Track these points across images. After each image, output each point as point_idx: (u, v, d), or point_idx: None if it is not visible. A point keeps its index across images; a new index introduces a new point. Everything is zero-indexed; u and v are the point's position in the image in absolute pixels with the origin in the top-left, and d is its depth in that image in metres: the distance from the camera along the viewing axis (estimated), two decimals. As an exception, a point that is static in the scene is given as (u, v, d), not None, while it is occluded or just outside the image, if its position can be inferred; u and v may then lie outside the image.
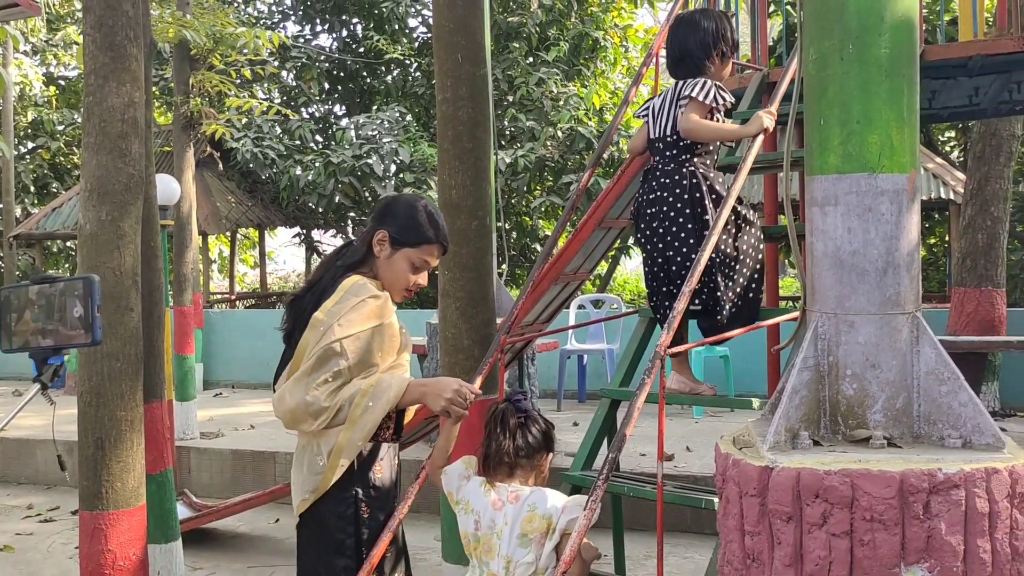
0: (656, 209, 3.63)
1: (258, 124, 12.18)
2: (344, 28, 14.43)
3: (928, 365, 2.42)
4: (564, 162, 11.88)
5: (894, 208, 2.42)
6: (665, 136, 3.66)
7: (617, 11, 13.87)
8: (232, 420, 8.76)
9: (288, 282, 21.40)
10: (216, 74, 8.68)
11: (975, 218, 8.43)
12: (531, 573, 2.59)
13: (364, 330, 2.61)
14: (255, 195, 14.64)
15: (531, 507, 2.64)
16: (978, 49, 4.06)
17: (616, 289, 17.27)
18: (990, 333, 8.11)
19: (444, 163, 4.65)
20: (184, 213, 8.82)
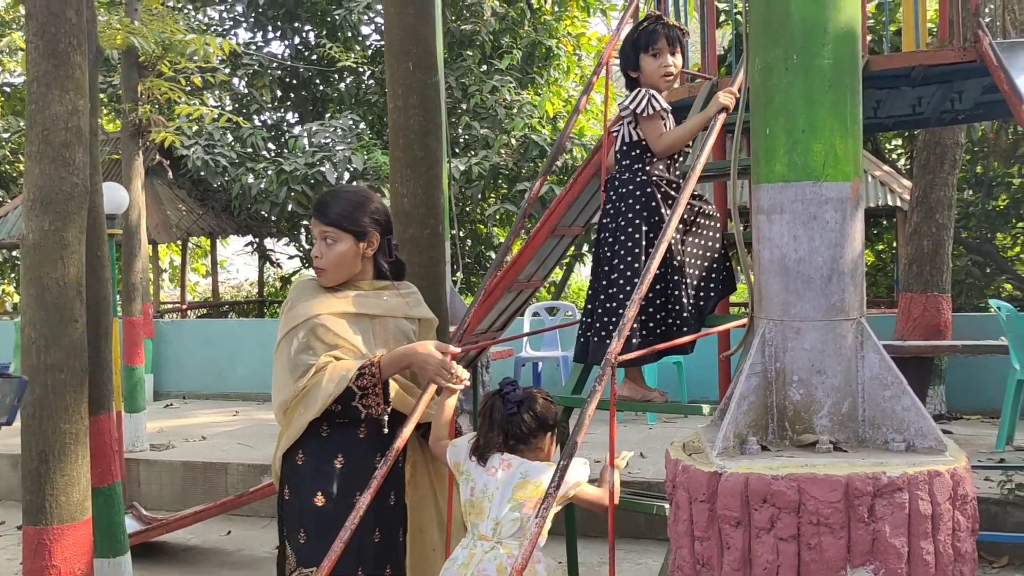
0: (613, 220, 3.64)
1: (209, 132, 12.05)
2: (296, 35, 14.34)
3: (872, 370, 2.46)
4: (518, 170, 11.91)
5: (838, 216, 2.46)
6: (622, 147, 3.69)
7: (570, 20, 13.94)
8: (183, 431, 8.64)
9: (241, 291, 21.17)
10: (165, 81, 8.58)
11: (921, 225, 8.59)
12: (517, 528, 2.74)
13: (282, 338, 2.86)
14: (206, 203, 14.48)
15: (523, 475, 2.80)
16: (920, 60, 4.14)
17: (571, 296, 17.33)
18: (936, 338, 8.26)
19: (395, 171, 4.63)
20: (133, 222, 8.70)
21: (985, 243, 13.97)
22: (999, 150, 13.05)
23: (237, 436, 8.35)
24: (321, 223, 2.91)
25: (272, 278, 18.33)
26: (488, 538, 2.79)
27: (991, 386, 7.97)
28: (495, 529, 2.78)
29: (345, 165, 11.55)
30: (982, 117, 5.54)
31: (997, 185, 13.59)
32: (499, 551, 2.74)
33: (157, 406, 10.35)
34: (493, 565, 2.73)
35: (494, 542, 2.77)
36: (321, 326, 2.84)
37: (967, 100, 5.02)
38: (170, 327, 11.67)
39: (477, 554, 2.78)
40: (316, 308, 2.86)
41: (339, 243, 2.90)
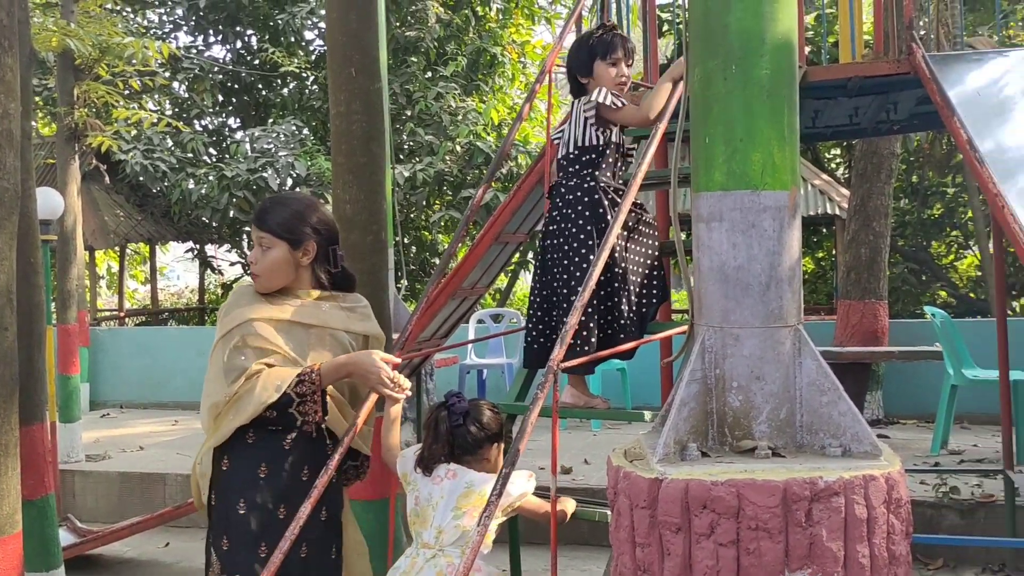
0: (559, 226, 3.66)
1: (148, 136, 11.85)
2: (238, 40, 14.16)
3: (809, 376, 2.49)
4: (463, 176, 11.89)
5: (776, 224, 2.49)
6: (568, 153, 3.71)
7: (515, 27, 13.97)
8: (120, 441, 8.47)
9: (181, 298, 20.82)
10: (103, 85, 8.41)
11: (859, 233, 8.76)
12: (458, 536, 2.78)
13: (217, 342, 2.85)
14: (145, 209, 14.22)
15: (468, 484, 2.85)
16: (856, 71, 4.22)
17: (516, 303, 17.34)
18: (874, 344, 8.43)
19: (338, 177, 4.59)
20: (68, 227, 8.51)
21: (920, 251, 14.30)
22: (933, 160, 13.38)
23: (176, 446, 8.20)
24: (258, 229, 2.89)
25: (213, 285, 18.06)
26: (431, 546, 2.81)
27: (927, 391, 8.14)
28: (437, 537, 2.81)
29: (288, 171, 11.43)
30: (917, 128, 5.66)
31: (932, 194, 13.92)
32: (439, 560, 2.76)
33: (93, 416, 10.13)
34: (432, 572, 2.75)
35: (436, 550, 2.80)
36: (254, 332, 2.80)
37: (902, 111, 5.13)
38: (107, 335, 11.44)
39: (419, 562, 2.80)
40: (250, 313, 2.82)
41: (273, 249, 2.86)
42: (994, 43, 9.57)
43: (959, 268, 15.18)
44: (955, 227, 14.34)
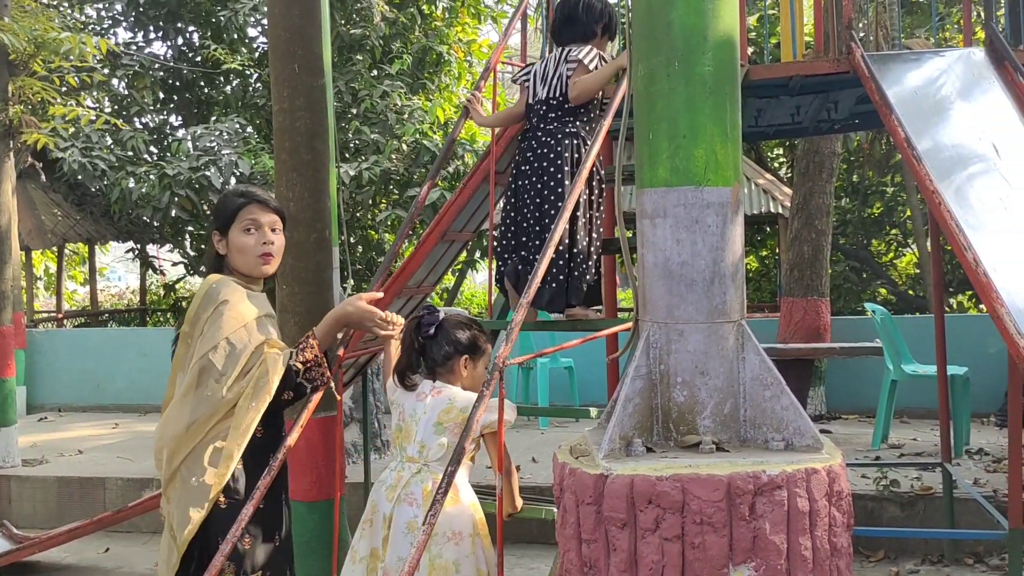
0: (536, 169, 3.83)
1: (86, 134, 11.59)
2: (179, 36, 13.90)
3: (753, 371, 2.51)
4: (410, 175, 11.81)
5: (719, 220, 2.51)
6: (549, 99, 3.87)
7: (461, 26, 13.92)
8: (58, 445, 8.28)
9: (122, 299, 20.42)
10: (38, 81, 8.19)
11: (801, 231, 8.88)
12: (443, 453, 2.90)
13: (223, 340, 2.75)
14: (84, 208, 13.90)
15: (450, 400, 2.97)
16: (797, 70, 4.27)
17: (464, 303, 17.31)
18: (816, 340, 8.55)
19: (281, 175, 4.54)
20: (3, 227, 8.26)
21: (861, 249, 14.55)
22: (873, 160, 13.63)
23: (116, 449, 8.04)
24: (272, 212, 2.96)
25: (155, 285, 17.74)
26: (416, 460, 2.93)
27: (868, 386, 8.29)
28: (421, 451, 2.92)
29: (231, 169, 11.25)
30: (857, 127, 5.75)
31: (872, 193, 14.17)
32: (425, 475, 2.89)
33: (30, 419, 9.90)
34: (420, 488, 2.87)
35: (421, 464, 2.92)
36: (261, 325, 2.86)
37: (842, 110, 5.20)
38: (44, 337, 11.18)
39: (404, 476, 2.91)
40: (255, 308, 2.87)
41: (282, 233, 2.99)
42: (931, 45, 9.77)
43: (898, 266, 15.49)
44: (894, 225, 14.62)
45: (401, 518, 2.87)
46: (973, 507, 5.33)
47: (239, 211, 2.91)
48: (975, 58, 4.27)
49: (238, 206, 2.92)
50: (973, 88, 4.16)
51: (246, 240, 2.91)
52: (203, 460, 2.74)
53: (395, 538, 2.87)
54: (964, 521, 5.48)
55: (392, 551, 2.86)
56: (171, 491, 2.79)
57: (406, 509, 2.87)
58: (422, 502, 2.84)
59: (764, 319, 10.39)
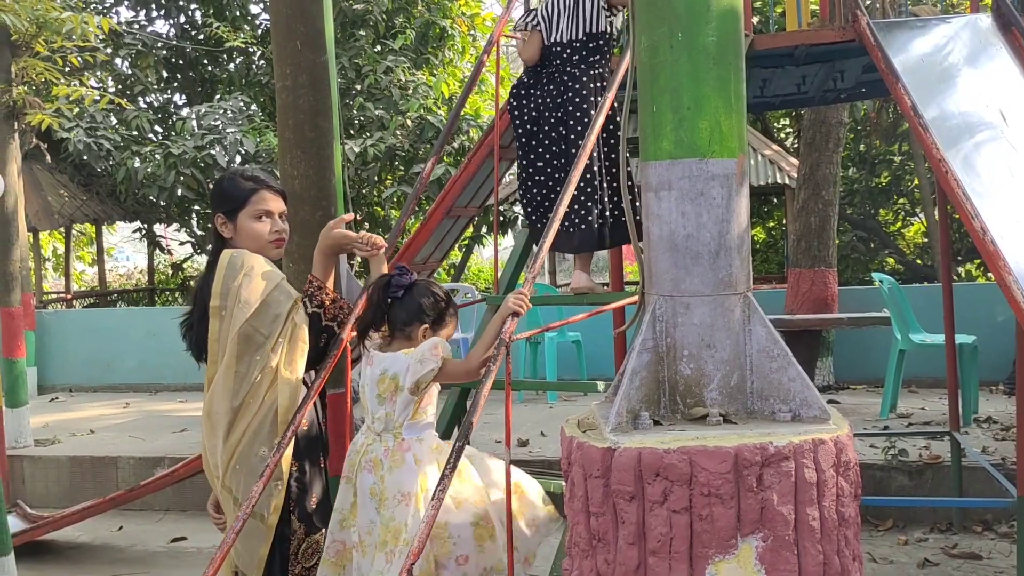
0: (560, 114, 3.86)
1: (91, 114, 11.58)
2: (182, 14, 13.87)
3: (759, 343, 2.50)
4: (415, 151, 11.79)
5: (724, 192, 2.49)
6: (571, 40, 3.88)
7: (464, 0, 13.85)
8: (70, 425, 8.34)
9: (131, 279, 20.48)
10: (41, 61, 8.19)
11: (808, 202, 8.84)
12: (385, 424, 2.94)
13: (260, 301, 2.79)
14: (90, 188, 13.91)
15: (383, 370, 2.96)
16: (803, 39, 4.23)
17: (471, 278, 17.32)
18: (824, 311, 8.54)
19: (285, 153, 4.52)
20: (9, 208, 8.29)
21: (869, 219, 14.50)
22: (880, 129, 13.53)
23: (127, 429, 8.09)
24: (280, 197, 3.02)
25: (163, 265, 17.79)
26: (372, 429, 3.00)
27: (876, 357, 8.28)
28: (373, 421, 2.99)
29: (236, 148, 11.26)
30: (863, 96, 5.71)
31: (879, 163, 14.10)
32: (376, 444, 2.95)
33: (42, 400, 9.97)
34: (372, 456, 2.94)
35: (374, 434, 2.98)
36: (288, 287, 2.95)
37: (848, 79, 5.16)
38: (54, 318, 11.23)
39: (367, 442, 2.99)
40: (278, 272, 2.96)
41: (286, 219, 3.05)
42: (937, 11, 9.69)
43: (906, 235, 15.43)
44: (902, 195, 14.55)
45: (364, 484, 2.94)
46: (982, 475, 5.34)
47: (250, 197, 2.93)
48: (982, 24, 4.23)
49: (249, 191, 2.93)
50: (980, 55, 4.12)
51: (259, 227, 2.94)
52: (265, 431, 2.80)
53: (362, 501, 2.95)
54: (972, 489, 5.49)
55: (362, 514, 2.94)
56: (232, 469, 2.80)
57: (366, 476, 2.94)
58: (374, 470, 2.93)
59: (771, 290, 10.38)
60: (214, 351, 2.84)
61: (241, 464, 2.80)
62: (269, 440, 2.81)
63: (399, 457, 2.91)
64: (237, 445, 2.79)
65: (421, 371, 2.92)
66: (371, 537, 2.89)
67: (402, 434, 2.95)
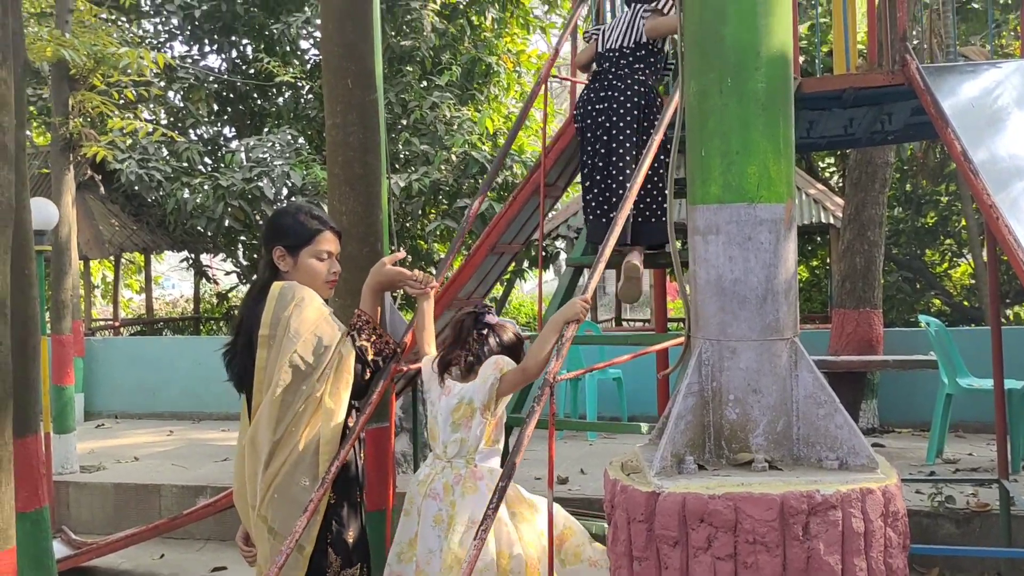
0: (605, 107, 4.21)
1: (143, 146, 11.83)
2: (234, 49, 14.14)
3: (806, 389, 2.49)
4: (458, 186, 11.87)
5: (772, 237, 2.50)
6: (622, 47, 4.28)
7: (510, 37, 13.97)
8: (115, 452, 8.44)
9: (176, 307, 20.77)
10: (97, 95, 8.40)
11: (853, 242, 8.77)
12: (459, 449, 3.01)
13: (309, 332, 2.84)
14: (140, 218, 14.18)
15: (459, 398, 3.05)
16: (851, 82, 4.23)
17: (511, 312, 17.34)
18: (869, 352, 8.43)
19: (334, 189, 4.59)
20: (63, 238, 8.49)
21: (915, 259, 14.32)
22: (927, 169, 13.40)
23: (171, 457, 8.18)
24: (338, 240, 3.09)
25: (208, 294, 18.03)
26: (441, 457, 3.07)
27: (922, 400, 8.15)
28: (444, 449, 3.05)
29: (283, 180, 11.41)
30: (912, 138, 5.68)
31: (926, 203, 13.95)
32: (448, 471, 3.00)
33: (88, 426, 10.10)
34: (441, 484, 2.99)
35: (444, 462, 3.04)
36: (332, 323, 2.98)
37: (896, 121, 5.14)
38: (102, 345, 11.41)
39: (433, 472, 3.05)
40: (327, 306, 3.01)
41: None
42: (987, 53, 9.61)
43: (953, 276, 15.20)
44: (949, 235, 14.36)
45: (428, 512, 2.99)
46: (1032, 525, 5.22)
47: (316, 236, 3.00)
48: (1033, 69, 4.21)
49: (315, 231, 3.00)
50: (1031, 99, 4.09)
51: (319, 266, 3.00)
52: (307, 461, 2.84)
53: (423, 531, 2.99)
54: (1022, 539, 5.37)
55: (422, 544, 2.98)
56: (270, 499, 2.83)
57: (431, 503, 2.99)
58: (443, 496, 2.97)
59: (815, 330, 10.27)
60: (260, 380, 2.87)
61: (280, 494, 2.82)
62: (311, 470, 2.83)
63: (472, 484, 2.96)
64: (276, 475, 2.82)
65: (486, 388, 3.03)
66: (430, 567, 2.93)
67: (475, 460, 3.01)
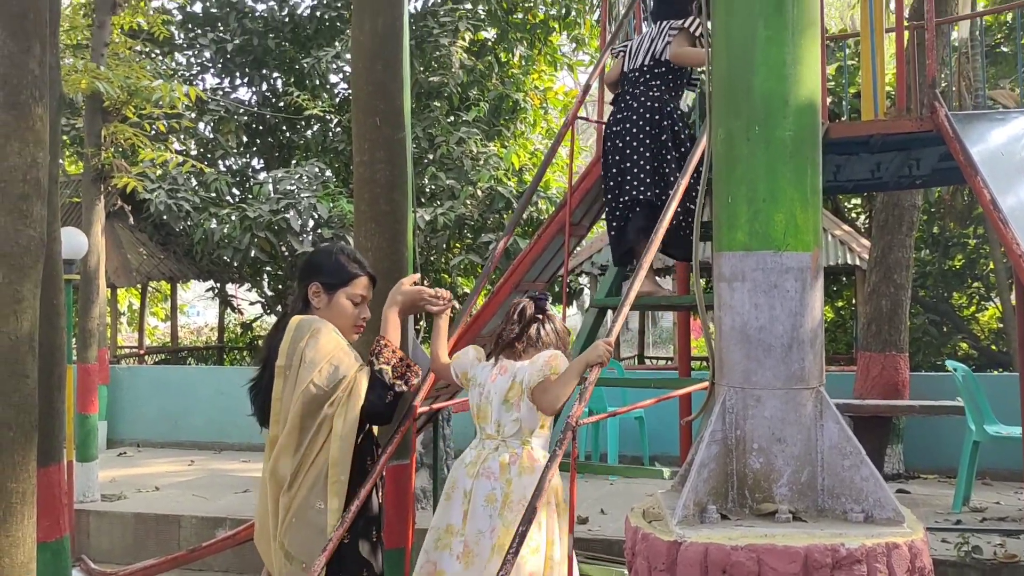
0: (621, 127, 4.29)
1: (173, 176, 11.98)
2: (264, 82, 14.35)
3: (831, 440, 2.46)
4: (483, 221, 11.93)
5: (798, 285, 2.49)
6: (643, 65, 4.32)
7: (537, 74, 14.09)
8: (136, 481, 8.46)
9: (201, 335, 20.91)
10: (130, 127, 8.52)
11: (879, 285, 8.70)
12: (517, 428, 3.03)
13: (325, 362, 2.83)
14: (168, 247, 14.32)
15: (513, 376, 3.08)
16: (879, 128, 4.22)
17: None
18: (894, 397, 8.33)
19: (360, 225, 4.62)
20: (91, 267, 8.58)
21: (942, 302, 14.19)
22: (955, 211, 13.33)
23: (192, 487, 8.19)
24: (373, 287, 3.11)
25: (233, 323, 18.13)
26: (494, 437, 3.08)
27: (948, 446, 8.03)
28: (498, 429, 3.06)
29: (310, 213, 11.51)
30: (940, 182, 5.65)
31: (953, 245, 13.84)
32: (503, 451, 3.02)
33: (110, 454, 10.14)
34: (496, 462, 3.01)
35: (499, 440, 3.06)
36: (350, 353, 2.97)
37: (924, 166, 5.12)
38: (126, 373, 11.49)
39: (484, 453, 3.07)
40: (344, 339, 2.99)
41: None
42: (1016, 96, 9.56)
43: (980, 320, 15.04)
44: (976, 278, 14.23)
45: (480, 491, 3.00)
46: (1061, 578, 5.12)
47: (354, 279, 3.03)
48: (1063, 117, 4.18)
49: (354, 274, 3.04)
50: (1061, 147, 4.07)
51: (350, 310, 3.02)
52: (320, 484, 2.83)
53: (475, 511, 3.00)
54: (1051, 592, 5.26)
55: (472, 523, 2.99)
56: (288, 524, 2.83)
57: (484, 483, 3.00)
58: (499, 474, 2.99)
59: (840, 373, 10.18)
60: (276, 410, 2.89)
61: (298, 518, 2.84)
62: (323, 493, 2.84)
63: (529, 464, 2.97)
64: (294, 498, 2.84)
65: (537, 375, 3.04)
66: (479, 546, 2.94)
67: (531, 442, 3.02)
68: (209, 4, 13.94)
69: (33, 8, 2.70)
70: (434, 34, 12.67)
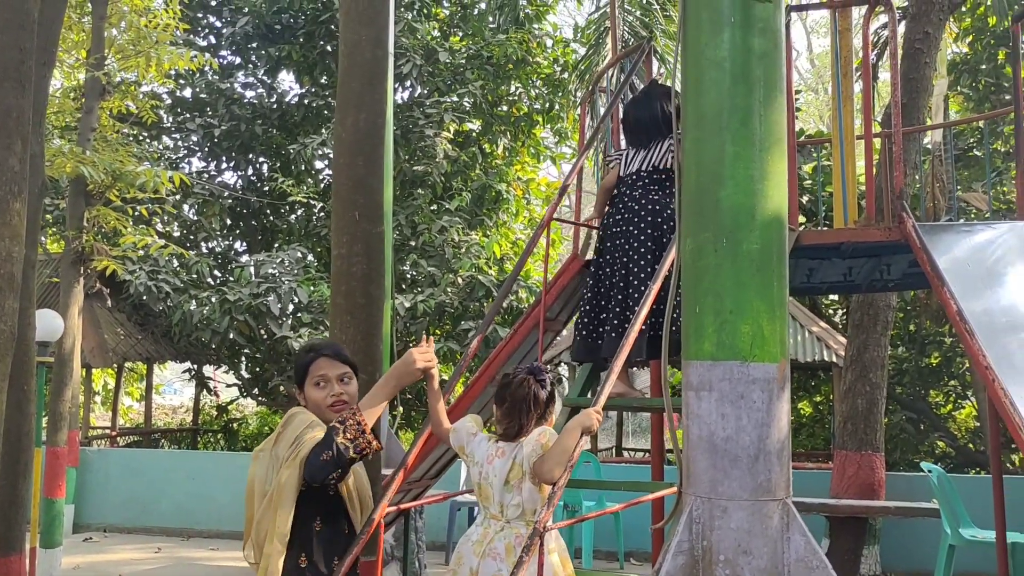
0: (621, 231, 4.36)
1: (154, 258, 11.99)
2: (250, 166, 14.49)
3: (797, 552, 2.46)
4: (463, 308, 11.97)
5: (765, 396, 2.51)
6: (640, 170, 4.46)
7: (521, 165, 14.32)
8: (100, 568, 8.26)
9: (176, 415, 20.67)
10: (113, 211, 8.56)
11: (855, 384, 8.73)
12: (520, 512, 3.05)
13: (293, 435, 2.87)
14: (145, 328, 14.25)
15: (513, 458, 3.10)
16: (848, 236, 4.30)
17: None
18: (870, 496, 8.30)
19: (335, 317, 4.64)
20: (67, 349, 8.53)
21: (919, 400, 14.24)
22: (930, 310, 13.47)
23: (156, 576, 8.01)
24: (339, 363, 3.08)
25: (208, 405, 17.95)
26: (498, 518, 3.11)
27: (925, 546, 8.00)
28: (501, 510, 3.09)
29: (290, 297, 11.52)
30: (911, 286, 5.74)
31: (929, 343, 13.95)
32: (508, 532, 3.05)
33: (76, 539, 9.92)
34: (502, 544, 3.03)
35: (503, 522, 3.08)
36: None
37: (895, 271, 5.20)
38: (96, 456, 11.31)
39: (490, 533, 3.10)
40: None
41: (354, 382, 3.10)
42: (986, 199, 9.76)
43: (957, 418, 15.08)
44: (953, 376, 14.31)
45: (486, 571, 3.03)
46: None
47: (309, 367, 3.05)
48: (1027, 229, 4.28)
49: (308, 361, 3.06)
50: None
51: (318, 394, 3.03)
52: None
53: None
54: None
55: None
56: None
57: (490, 563, 3.03)
58: (505, 556, 3.01)
59: (817, 470, 10.16)
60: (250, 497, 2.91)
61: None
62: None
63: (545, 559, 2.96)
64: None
65: (533, 455, 3.05)
66: None
67: (534, 523, 2.99)
68: (199, 90, 14.14)
69: (17, 108, 2.75)
70: (419, 125, 12.89)
